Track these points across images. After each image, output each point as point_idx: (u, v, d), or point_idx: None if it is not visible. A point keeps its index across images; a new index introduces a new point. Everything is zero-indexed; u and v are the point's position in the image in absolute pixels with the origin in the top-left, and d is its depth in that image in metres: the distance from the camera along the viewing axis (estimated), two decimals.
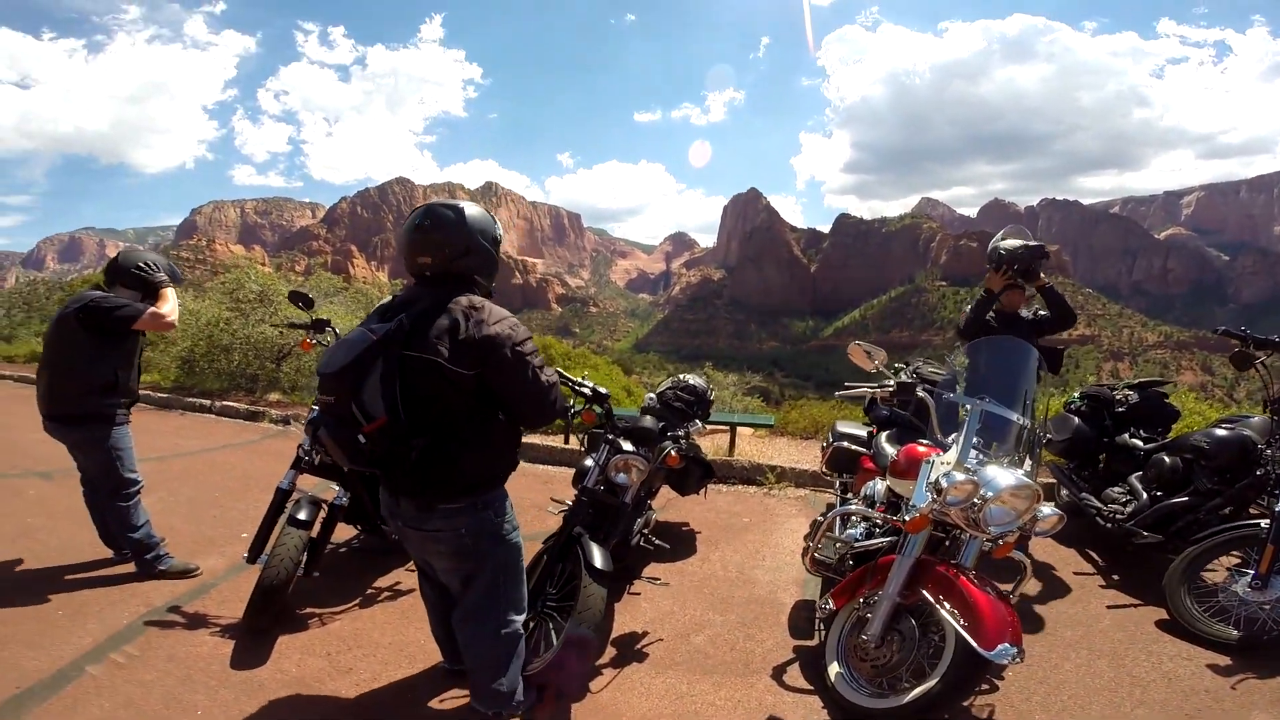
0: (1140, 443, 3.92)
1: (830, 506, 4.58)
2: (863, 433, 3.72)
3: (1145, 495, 3.60)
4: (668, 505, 4.67)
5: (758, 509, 4.78)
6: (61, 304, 3.52)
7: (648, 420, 3.09)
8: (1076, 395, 4.44)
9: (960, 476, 2.22)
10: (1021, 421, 2.47)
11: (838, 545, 2.91)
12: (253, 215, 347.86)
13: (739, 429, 6.32)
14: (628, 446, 2.91)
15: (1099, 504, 3.81)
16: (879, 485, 3.07)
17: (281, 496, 3.16)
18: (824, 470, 3.97)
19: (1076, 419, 4.20)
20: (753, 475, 5.35)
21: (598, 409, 2.91)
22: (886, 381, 2.71)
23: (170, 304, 3.29)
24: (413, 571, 3.00)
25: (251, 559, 3.03)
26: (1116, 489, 3.85)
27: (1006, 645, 2.04)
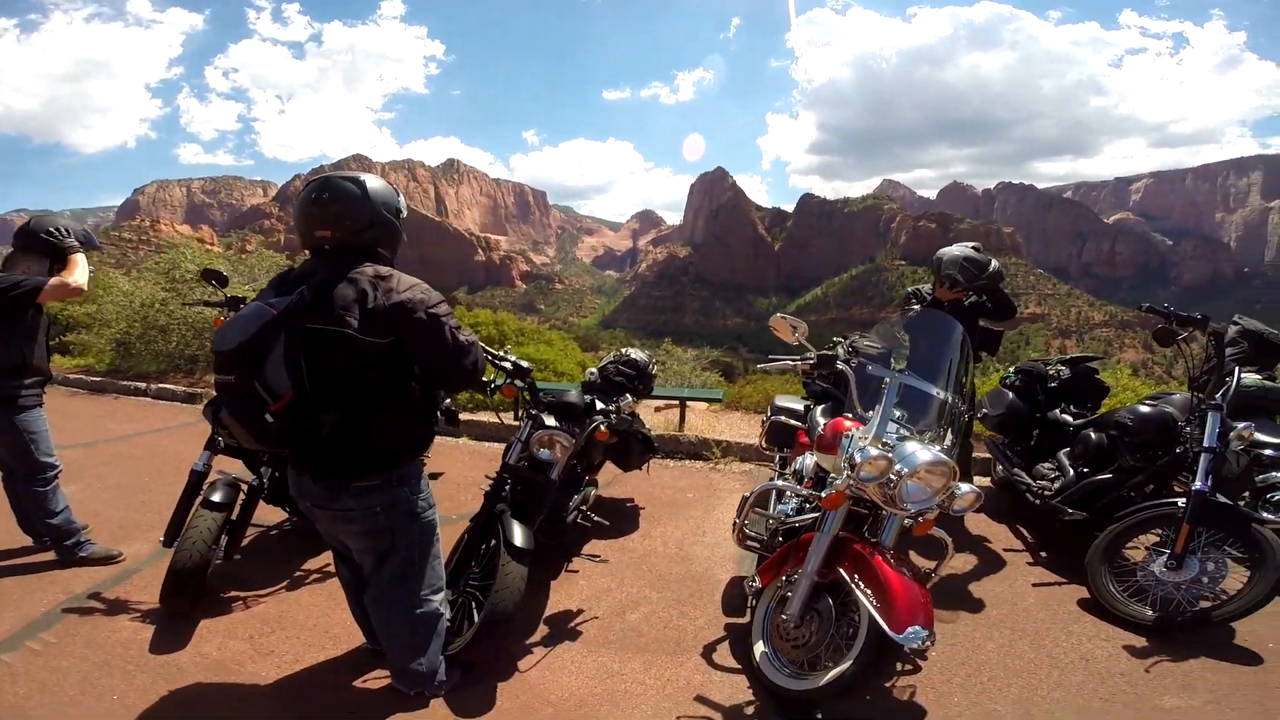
0: (1070, 418, 3.97)
1: (772, 473, 4.63)
2: (800, 406, 3.72)
3: (1072, 472, 3.64)
4: (614, 481, 4.65)
5: (702, 484, 4.80)
6: None
7: (572, 394, 3.02)
8: (1012, 370, 4.54)
9: (874, 452, 2.19)
10: (942, 396, 2.46)
11: (769, 521, 2.91)
12: (200, 194, 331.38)
13: (691, 404, 6.32)
14: (551, 421, 2.85)
15: (1029, 480, 3.85)
16: (809, 460, 3.06)
17: (196, 478, 3.08)
18: (763, 445, 3.97)
19: (1011, 394, 4.28)
20: (699, 450, 5.37)
21: (519, 383, 2.84)
22: (808, 354, 2.69)
23: (79, 270, 3.10)
24: None
25: (167, 543, 2.93)
26: (1046, 465, 3.91)
27: (917, 628, 2.01)
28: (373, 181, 2.00)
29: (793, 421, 3.61)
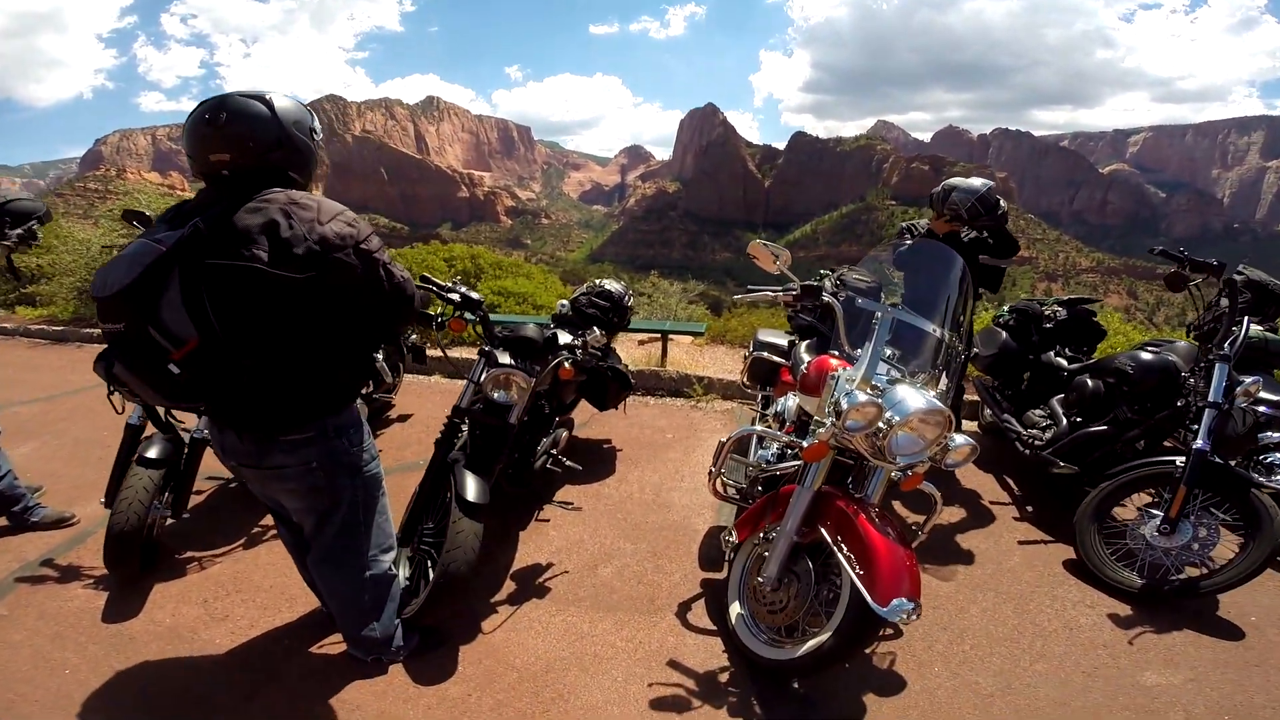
0: (1065, 362, 3.74)
1: (753, 413, 4.44)
2: (784, 341, 3.46)
3: (1065, 421, 3.43)
4: (590, 421, 4.45)
5: (682, 424, 4.61)
6: None
7: (530, 328, 2.73)
8: (1006, 309, 4.29)
9: (862, 397, 1.94)
10: (938, 334, 2.22)
11: (748, 469, 2.70)
12: (165, 142, 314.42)
13: (673, 338, 6.07)
14: (505, 359, 2.57)
15: (1019, 427, 3.64)
16: (791, 401, 2.83)
17: (131, 433, 2.89)
18: (744, 383, 3.75)
19: (1004, 334, 4.05)
20: (680, 387, 5.16)
21: (468, 315, 2.55)
22: (790, 284, 2.41)
23: None
24: None
25: (107, 503, 2.76)
26: (1038, 411, 3.69)
27: (902, 600, 1.82)
28: (281, 98, 1.73)
29: (775, 358, 3.37)
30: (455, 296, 2.53)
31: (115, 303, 1.54)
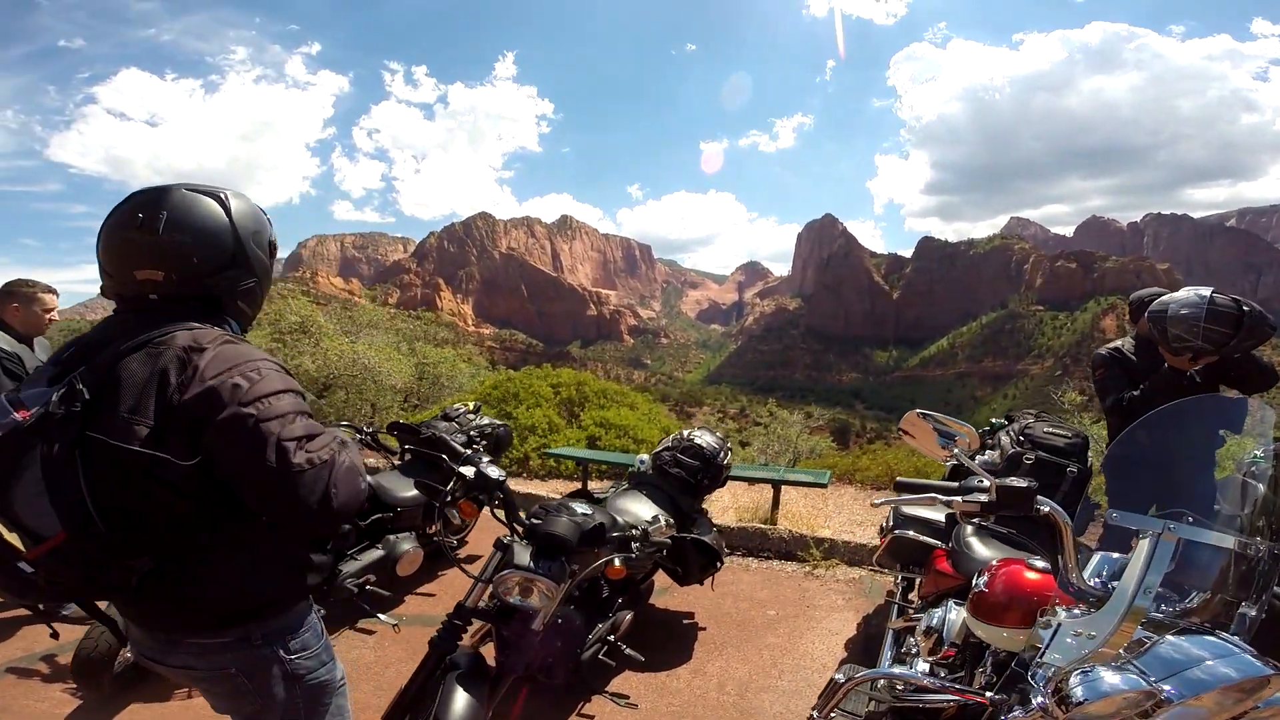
0: None
1: (890, 598, 3.44)
2: (939, 516, 2.62)
3: None
4: (672, 586, 3.65)
5: (792, 597, 3.66)
6: None
7: (561, 523, 2.03)
8: (1259, 452, 3.07)
9: (1113, 680, 1.14)
10: (1238, 548, 1.33)
11: (873, 691, 1.87)
12: (351, 249, 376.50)
13: (785, 486, 5.15)
14: (525, 558, 1.92)
15: None
16: (952, 613, 1.98)
17: None
18: (879, 561, 2.88)
19: (1262, 485, 2.86)
20: (793, 549, 4.22)
21: (482, 499, 1.94)
22: (974, 483, 1.61)
23: None
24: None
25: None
26: None
27: None
28: (237, 199, 1.34)
29: (926, 539, 2.52)
30: (468, 471, 1.91)
31: None
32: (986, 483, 1.43)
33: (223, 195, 1.31)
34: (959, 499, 1.48)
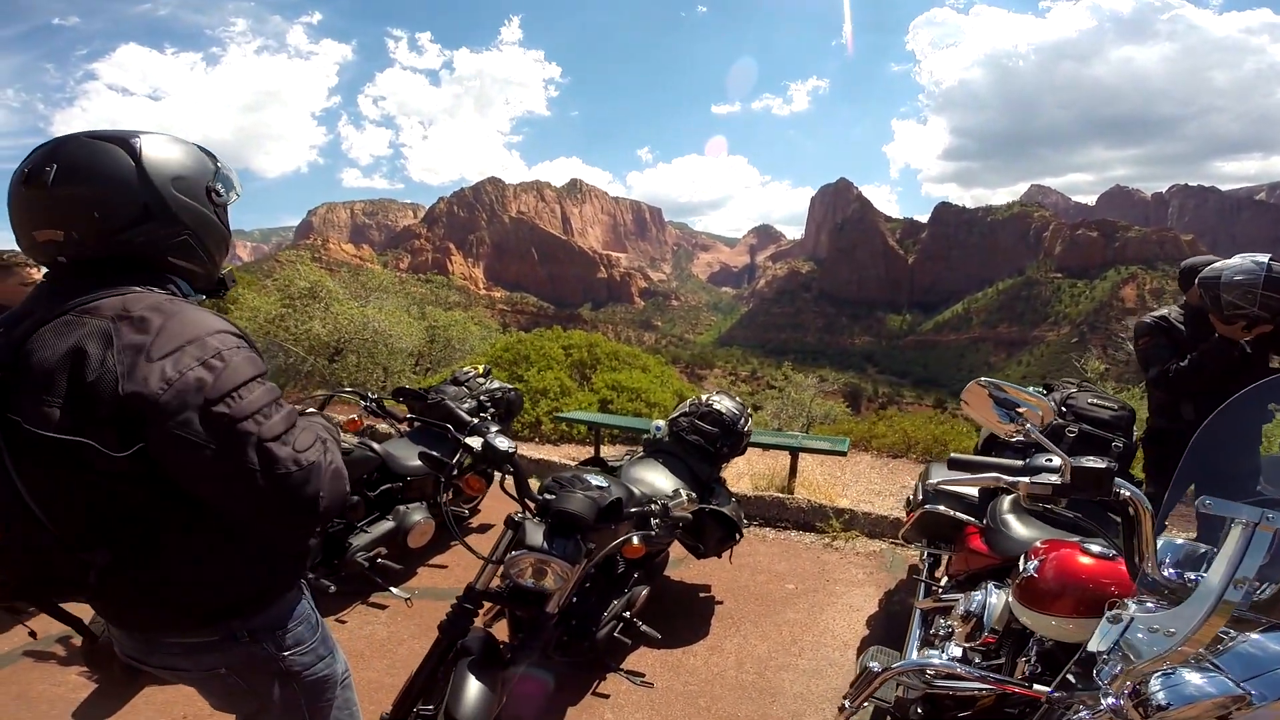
0: None
1: (914, 574, 3.33)
2: (973, 491, 2.48)
3: None
4: (688, 557, 3.58)
5: (810, 570, 3.56)
6: None
7: (576, 499, 1.88)
8: None
9: (1198, 682, 1.03)
10: None
11: (902, 679, 1.74)
12: (361, 216, 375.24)
13: (802, 453, 5.02)
14: (539, 538, 1.80)
15: None
16: (993, 597, 1.86)
17: None
18: (905, 536, 2.76)
19: None
20: (812, 520, 4.11)
21: (493, 472, 1.83)
22: (1041, 461, 1.45)
23: None
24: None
25: None
26: None
27: None
28: (156, 142, 1.13)
29: (959, 515, 2.39)
30: (474, 442, 1.78)
31: None
32: (1058, 462, 1.28)
33: (133, 140, 1.11)
34: (1025, 480, 1.33)
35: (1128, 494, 1.22)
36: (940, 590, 2.44)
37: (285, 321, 10.13)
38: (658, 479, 2.71)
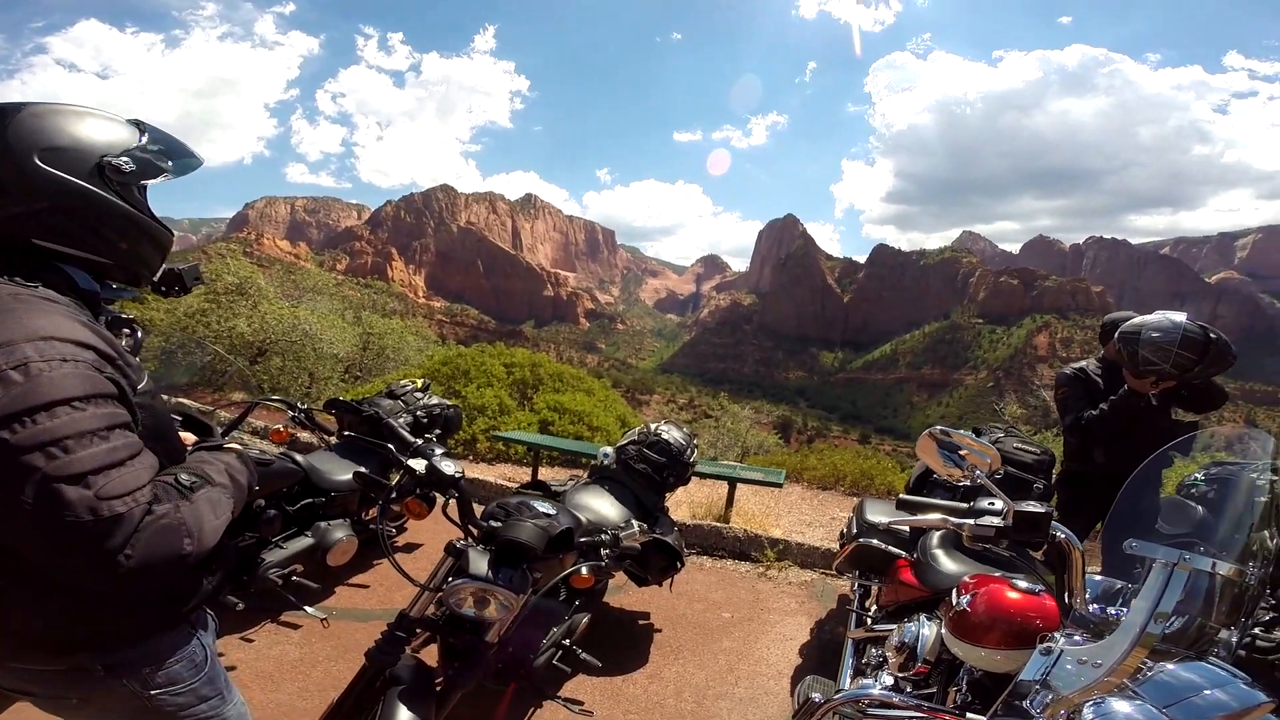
0: None
1: (844, 604, 3.40)
2: (903, 526, 2.56)
3: None
4: (626, 585, 3.53)
5: (746, 599, 3.59)
6: None
7: (526, 528, 1.83)
8: (1200, 475, 3.17)
9: (1129, 712, 1.10)
10: (1233, 575, 1.29)
11: (832, 700, 1.78)
12: (302, 213, 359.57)
13: (739, 484, 5.08)
14: (482, 566, 1.72)
15: (1267, 638, 2.57)
16: (925, 629, 1.91)
17: None
18: (838, 567, 2.82)
19: (1200, 508, 2.94)
20: (748, 549, 4.15)
21: (433, 496, 1.75)
22: (985, 504, 1.52)
23: None
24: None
25: None
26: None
27: None
28: (36, 113, 1.01)
29: (891, 549, 2.46)
30: (418, 465, 1.69)
31: None
32: (1000, 505, 1.34)
33: (12, 110, 0.99)
34: (970, 522, 1.38)
35: (1063, 536, 1.29)
36: (871, 621, 2.51)
37: (207, 317, 9.54)
38: (605, 507, 2.68)
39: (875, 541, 2.52)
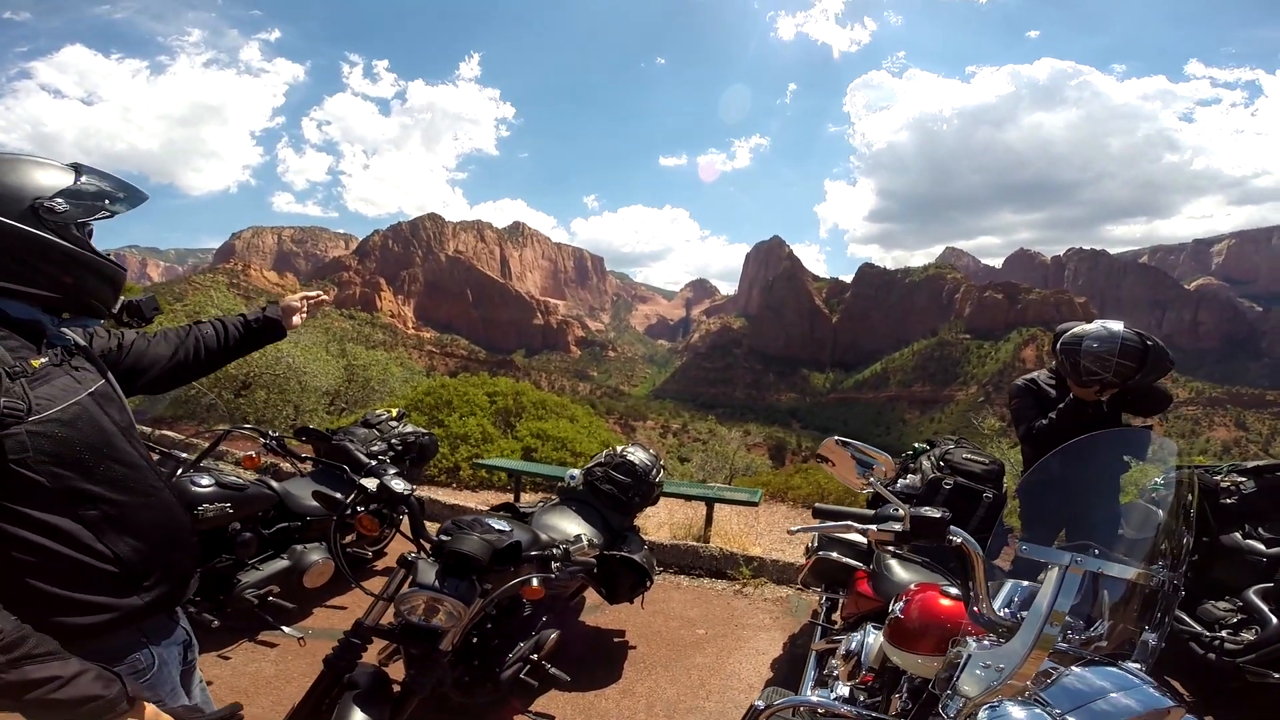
0: (1262, 545, 2.81)
1: (813, 619, 3.45)
2: (862, 538, 2.65)
3: (1275, 618, 2.49)
4: (603, 603, 3.57)
5: (720, 615, 3.63)
6: None
7: (471, 541, 1.92)
8: (1160, 480, 3.28)
9: (1022, 717, 1.12)
10: (1141, 578, 1.34)
11: (797, 712, 1.84)
12: (289, 243, 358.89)
13: (718, 504, 5.14)
14: (431, 576, 1.81)
15: (1194, 624, 2.68)
16: (870, 638, 1.98)
17: None
18: (804, 581, 2.89)
19: (1162, 511, 3.05)
20: (724, 567, 4.20)
21: (386, 512, 1.85)
22: (888, 511, 1.61)
23: None
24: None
25: None
26: (1221, 605, 2.74)
27: None
28: None
29: (848, 560, 2.54)
30: (370, 484, 1.81)
31: None
32: (901, 511, 1.42)
33: None
34: (874, 528, 1.47)
35: (959, 540, 1.37)
36: (834, 632, 2.57)
37: None
38: (567, 525, 2.75)
39: (834, 554, 2.60)
